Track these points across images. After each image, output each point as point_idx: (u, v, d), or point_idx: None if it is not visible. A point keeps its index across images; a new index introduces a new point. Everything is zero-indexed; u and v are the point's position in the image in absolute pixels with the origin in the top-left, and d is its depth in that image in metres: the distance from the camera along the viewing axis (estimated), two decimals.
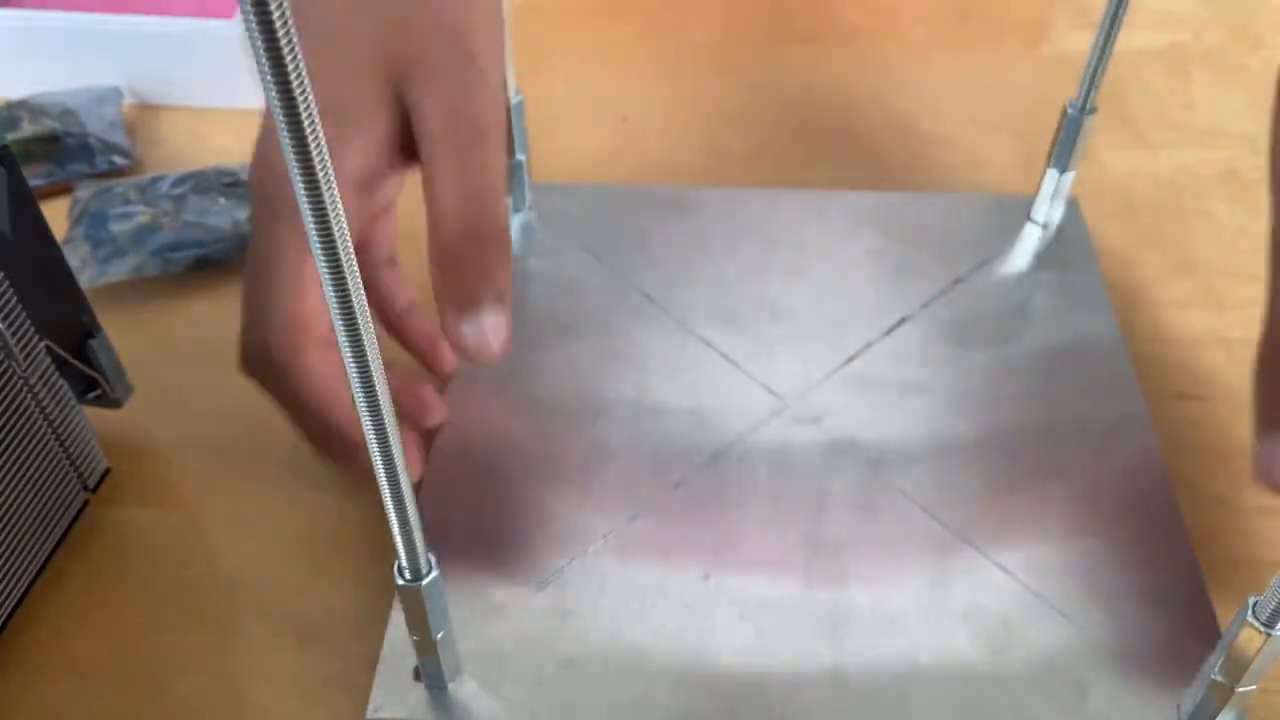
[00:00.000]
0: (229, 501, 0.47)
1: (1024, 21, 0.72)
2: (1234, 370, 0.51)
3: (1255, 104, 0.64)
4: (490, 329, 0.39)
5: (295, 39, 0.20)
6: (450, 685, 0.39)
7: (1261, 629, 0.32)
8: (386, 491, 0.31)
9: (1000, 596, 0.41)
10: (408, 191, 0.43)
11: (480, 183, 0.40)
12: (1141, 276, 0.55)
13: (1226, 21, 0.71)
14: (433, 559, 0.34)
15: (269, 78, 0.20)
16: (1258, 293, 0.54)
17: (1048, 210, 0.55)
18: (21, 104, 0.63)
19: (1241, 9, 0.72)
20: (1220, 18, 0.71)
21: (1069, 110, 0.52)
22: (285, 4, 0.19)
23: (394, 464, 0.30)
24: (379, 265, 0.45)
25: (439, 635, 0.36)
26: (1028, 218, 0.56)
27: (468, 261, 0.39)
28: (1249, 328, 0.53)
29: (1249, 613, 0.32)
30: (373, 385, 0.27)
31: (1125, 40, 0.49)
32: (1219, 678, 0.34)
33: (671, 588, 0.42)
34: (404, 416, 0.44)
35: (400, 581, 0.34)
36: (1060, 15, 0.72)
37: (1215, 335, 0.52)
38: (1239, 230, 0.58)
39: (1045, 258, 0.54)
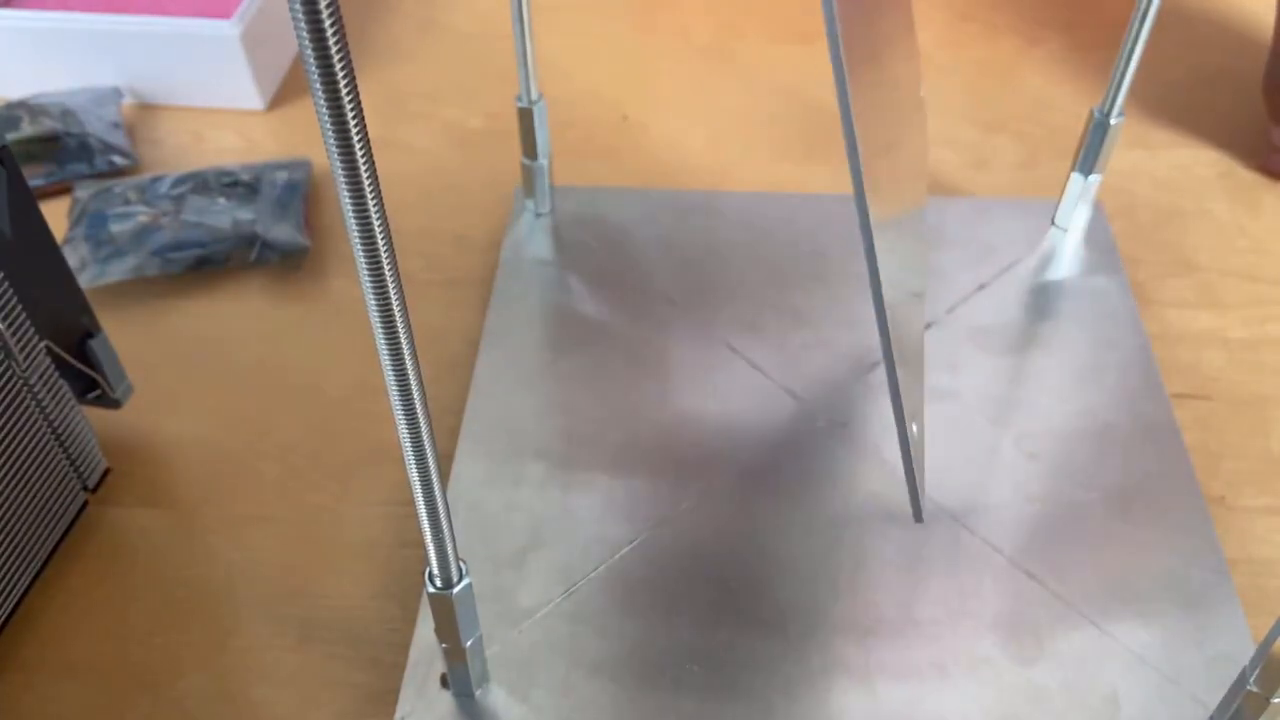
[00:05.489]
0: (229, 501, 0.47)
1: (1023, 22, 0.72)
2: (1234, 370, 0.51)
3: (1253, 103, 0.64)
4: None
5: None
6: (477, 692, 0.39)
7: None
8: (420, 499, 0.30)
9: (1030, 604, 0.41)
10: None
11: None
12: (1141, 277, 0.55)
13: None
14: (464, 565, 0.34)
15: None
16: (1258, 292, 0.54)
17: (1072, 214, 0.55)
18: (21, 104, 0.63)
19: None
20: None
21: (1095, 114, 0.51)
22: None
23: (428, 472, 0.30)
24: None
25: (469, 643, 0.36)
26: (1052, 222, 0.55)
27: None
28: (1249, 328, 0.53)
29: None
30: (409, 391, 0.27)
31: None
32: (1254, 688, 0.34)
33: (698, 595, 0.41)
34: None
35: (431, 589, 0.34)
36: (1059, 15, 0.72)
37: (1215, 335, 0.52)
38: (1239, 230, 0.57)
39: (1070, 262, 0.54)
